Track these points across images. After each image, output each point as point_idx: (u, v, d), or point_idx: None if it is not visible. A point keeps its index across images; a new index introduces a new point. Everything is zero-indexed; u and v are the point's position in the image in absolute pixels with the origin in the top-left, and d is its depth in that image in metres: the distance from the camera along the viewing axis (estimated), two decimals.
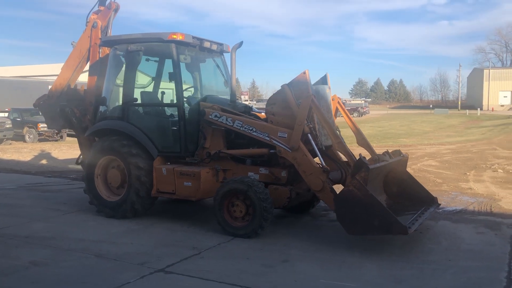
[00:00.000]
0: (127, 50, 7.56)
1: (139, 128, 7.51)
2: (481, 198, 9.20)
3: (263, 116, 7.36)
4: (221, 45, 8.24)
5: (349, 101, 65.31)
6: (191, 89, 8.30)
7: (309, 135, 6.52)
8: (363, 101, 67.50)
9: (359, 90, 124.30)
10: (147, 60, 8.25)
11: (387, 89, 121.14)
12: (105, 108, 8.01)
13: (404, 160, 7.36)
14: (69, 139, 24.80)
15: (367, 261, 5.56)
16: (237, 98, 7.57)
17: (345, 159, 7.18)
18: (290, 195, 6.73)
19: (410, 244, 6.18)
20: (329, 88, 7.39)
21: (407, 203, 6.91)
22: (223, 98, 7.95)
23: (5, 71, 45.13)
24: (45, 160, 15.98)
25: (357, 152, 6.86)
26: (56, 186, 10.79)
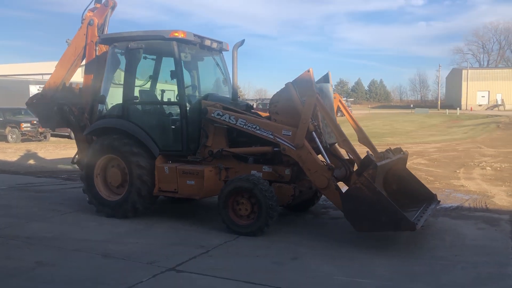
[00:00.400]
0: (127, 48, 7.47)
1: (140, 126, 7.43)
2: (474, 195, 9.38)
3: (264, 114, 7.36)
4: (221, 43, 8.21)
5: None
6: (189, 87, 8.24)
7: (314, 133, 6.55)
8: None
9: (340, 90, 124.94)
10: (145, 58, 8.16)
11: (367, 89, 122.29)
12: (103, 106, 7.91)
13: (404, 157, 7.45)
14: (53, 139, 24.43)
15: (376, 258, 5.60)
16: (238, 96, 7.56)
17: (347, 157, 7.25)
18: (294, 193, 6.75)
19: (414, 240, 6.26)
20: (332, 86, 7.44)
21: (406, 200, 6.99)
22: (225, 96, 7.93)
23: None
24: (32, 160, 15.67)
25: (359, 150, 6.92)
26: (48, 186, 10.60)
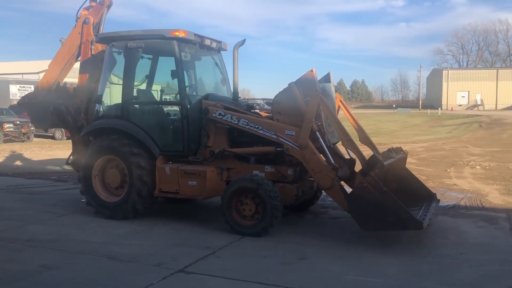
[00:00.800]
0: (126, 47, 7.38)
1: (140, 127, 7.34)
2: (468, 193, 9.51)
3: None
4: (220, 43, 8.16)
5: None
6: (187, 87, 8.17)
7: (317, 132, 6.56)
8: None
9: None
10: (141, 57, 8.06)
11: (349, 89, 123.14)
12: (100, 106, 7.78)
13: (404, 157, 7.51)
14: (36, 139, 24.00)
15: (382, 257, 5.63)
16: (239, 96, 7.52)
17: (348, 156, 7.28)
18: (297, 193, 6.74)
19: (418, 239, 6.31)
20: (333, 86, 7.46)
21: (407, 199, 7.03)
22: (225, 96, 7.89)
23: None
24: (19, 161, 15.35)
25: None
26: (39, 188, 10.39)
